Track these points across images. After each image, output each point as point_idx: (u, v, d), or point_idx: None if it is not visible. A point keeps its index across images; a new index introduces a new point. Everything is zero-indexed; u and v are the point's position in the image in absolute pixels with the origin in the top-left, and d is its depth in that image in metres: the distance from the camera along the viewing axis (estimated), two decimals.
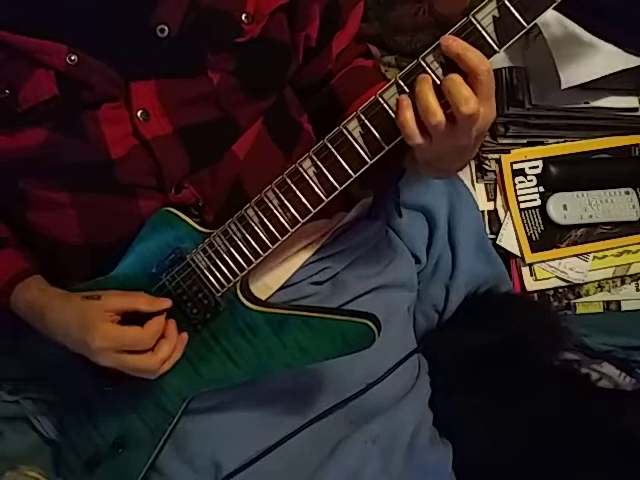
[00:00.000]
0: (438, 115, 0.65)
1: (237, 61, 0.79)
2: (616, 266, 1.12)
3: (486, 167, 1.11)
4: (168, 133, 0.78)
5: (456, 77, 0.64)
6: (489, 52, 0.65)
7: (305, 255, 0.95)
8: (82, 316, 0.78)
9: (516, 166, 1.11)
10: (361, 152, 0.72)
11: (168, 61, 0.76)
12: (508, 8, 0.64)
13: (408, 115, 0.66)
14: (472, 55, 0.64)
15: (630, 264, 1.12)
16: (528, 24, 0.65)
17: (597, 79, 0.99)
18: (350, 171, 0.73)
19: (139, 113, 0.76)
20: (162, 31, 0.74)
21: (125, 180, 0.79)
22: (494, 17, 0.65)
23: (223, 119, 0.82)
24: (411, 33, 1.17)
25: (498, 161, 1.11)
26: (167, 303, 0.80)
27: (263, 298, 0.88)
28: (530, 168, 1.12)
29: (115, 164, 0.78)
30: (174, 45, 0.75)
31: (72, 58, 0.72)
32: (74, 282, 0.86)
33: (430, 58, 0.67)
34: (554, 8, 0.66)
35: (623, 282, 1.13)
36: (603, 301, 1.13)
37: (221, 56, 0.78)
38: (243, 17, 0.77)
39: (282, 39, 0.83)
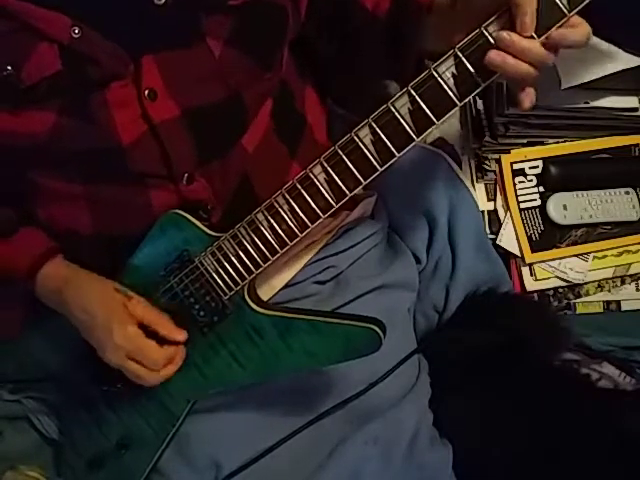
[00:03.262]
0: (541, 52, 0.67)
1: (232, 24, 0.79)
2: (616, 266, 1.12)
3: (486, 167, 1.11)
4: (176, 116, 0.78)
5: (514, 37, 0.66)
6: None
7: (308, 254, 0.95)
8: (110, 305, 0.79)
9: (516, 166, 1.11)
10: (372, 159, 0.72)
11: (166, 30, 0.76)
12: None
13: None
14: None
15: (630, 264, 1.12)
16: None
17: (597, 79, 0.99)
18: (360, 178, 0.73)
19: (146, 92, 0.76)
20: None
21: (136, 169, 0.79)
22: None
23: (230, 100, 0.82)
24: None
25: (498, 161, 1.11)
26: (183, 337, 0.81)
27: (266, 297, 0.88)
28: (530, 168, 1.11)
29: (126, 151, 0.77)
30: (171, 12, 0.74)
31: (76, 31, 0.71)
32: None
33: (442, 68, 0.68)
34: None
35: (623, 282, 1.13)
36: (603, 301, 1.13)
37: (216, 19, 0.78)
38: None
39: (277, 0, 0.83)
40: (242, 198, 0.86)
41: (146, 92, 0.76)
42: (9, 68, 0.71)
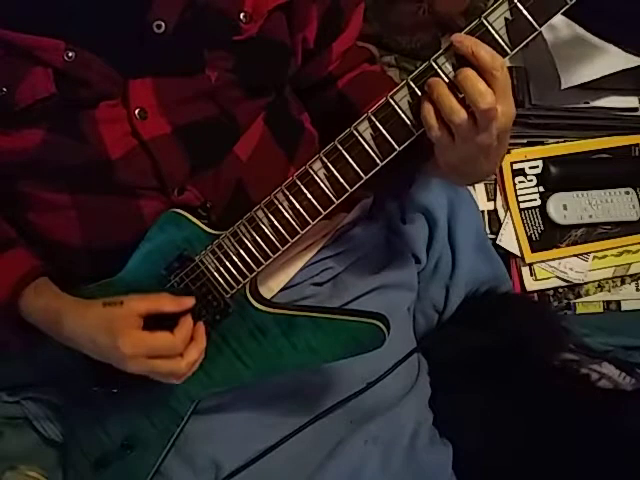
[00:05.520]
0: (462, 113, 0.65)
1: (235, 59, 0.79)
2: (616, 266, 1.12)
3: None
4: (166, 133, 0.78)
5: (470, 72, 0.65)
6: (501, 54, 0.66)
7: (306, 256, 0.95)
8: (107, 323, 0.77)
9: (516, 166, 1.11)
10: (372, 154, 0.72)
11: (165, 58, 0.76)
12: (520, 10, 0.65)
13: (429, 108, 0.67)
14: (484, 51, 0.64)
15: (630, 264, 1.12)
16: (540, 26, 0.65)
17: (597, 79, 0.99)
18: (361, 173, 0.73)
19: (137, 112, 0.76)
20: (159, 27, 0.73)
21: (125, 181, 0.79)
22: (506, 19, 0.65)
23: (221, 117, 0.81)
24: (411, 33, 1.17)
25: None
26: (191, 301, 0.79)
27: None
28: (530, 168, 1.12)
29: (115, 165, 0.77)
30: (171, 42, 0.75)
31: (70, 55, 0.71)
32: (76, 285, 0.84)
33: (442, 60, 0.67)
34: None
35: (623, 282, 1.13)
36: (603, 301, 1.14)
37: (219, 54, 0.78)
38: (241, 16, 0.77)
39: (281, 38, 0.83)
40: (237, 204, 0.86)
41: (136, 111, 0.76)
42: (4, 90, 0.72)
